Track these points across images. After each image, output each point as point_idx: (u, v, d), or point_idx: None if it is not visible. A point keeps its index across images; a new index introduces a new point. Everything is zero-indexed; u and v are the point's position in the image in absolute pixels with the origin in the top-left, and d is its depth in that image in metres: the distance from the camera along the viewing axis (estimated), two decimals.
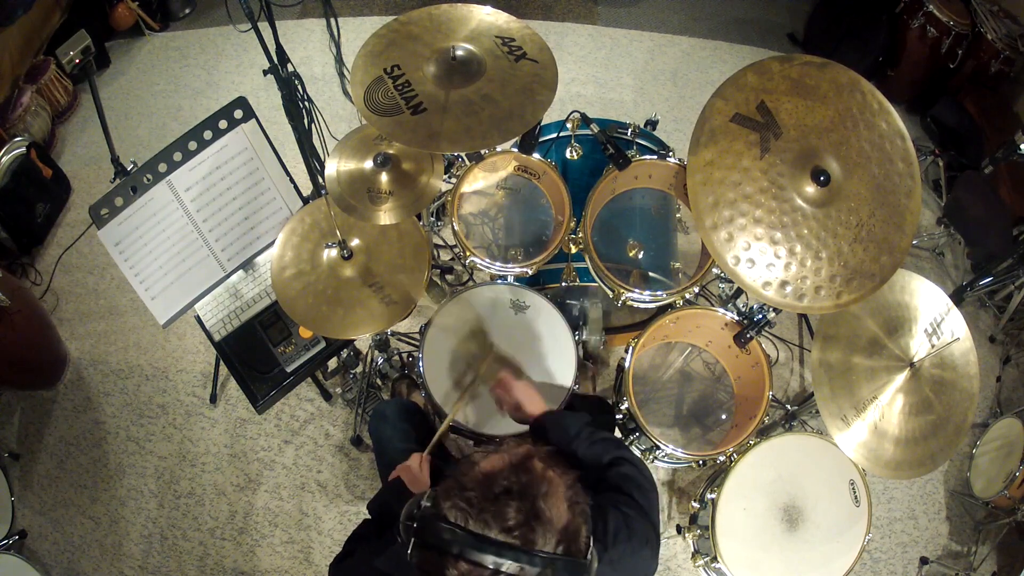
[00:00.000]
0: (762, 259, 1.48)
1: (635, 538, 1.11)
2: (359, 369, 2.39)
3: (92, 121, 3.19)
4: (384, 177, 1.75)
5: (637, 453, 1.93)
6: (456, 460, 1.33)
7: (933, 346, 1.69)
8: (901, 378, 1.65)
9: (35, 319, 2.43)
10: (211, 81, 3.37)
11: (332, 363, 2.29)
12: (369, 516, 1.40)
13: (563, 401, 1.69)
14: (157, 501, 2.37)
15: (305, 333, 1.99)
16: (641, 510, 1.16)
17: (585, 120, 1.94)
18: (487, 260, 1.89)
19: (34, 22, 3.03)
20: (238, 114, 1.84)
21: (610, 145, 1.82)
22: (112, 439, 2.47)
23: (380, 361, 2.31)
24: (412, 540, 0.87)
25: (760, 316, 1.81)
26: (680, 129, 3.21)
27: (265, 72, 1.90)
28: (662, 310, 1.93)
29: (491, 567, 0.82)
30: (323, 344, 2.00)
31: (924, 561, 2.30)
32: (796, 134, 1.50)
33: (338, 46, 2.28)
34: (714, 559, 1.72)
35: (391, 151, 1.77)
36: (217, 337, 2.01)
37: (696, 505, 1.90)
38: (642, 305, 1.87)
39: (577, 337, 1.84)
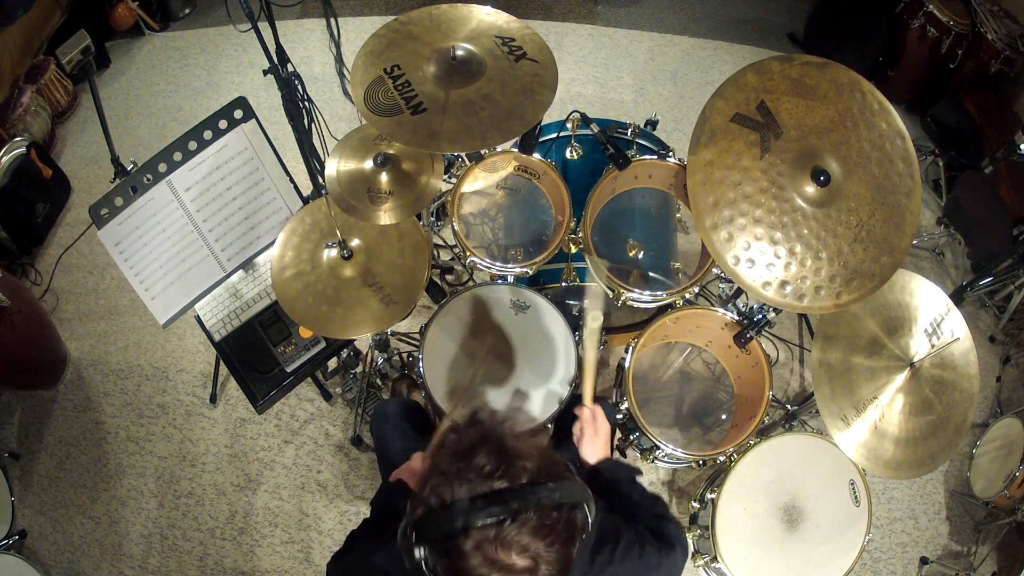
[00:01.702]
0: (762, 259, 1.48)
1: (644, 558, 1.11)
2: (359, 369, 2.39)
3: (92, 121, 3.19)
4: (384, 177, 1.75)
5: (637, 453, 1.95)
6: None
7: (933, 346, 1.69)
8: (901, 378, 1.65)
9: (35, 319, 2.43)
10: (211, 81, 3.37)
11: (332, 363, 2.29)
12: (370, 515, 1.40)
13: (563, 401, 1.69)
14: (157, 501, 2.37)
15: (305, 333, 1.99)
16: (660, 553, 1.16)
17: (585, 120, 1.94)
18: (487, 260, 1.89)
19: (34, 22, 3.03)
20: (238, 114, 1.83)
21: (610, 145, 1.82)
22: (112, 439, 2.47)
23: (380, 361, 2.31)
24: (418, 552, 0.86)
25: (760, 316, 1.81)
26: (680, 129, 3.21)
27: (265, 72, 1.90)
28: (662, 310, 1.93)
29: (494, 520, 0.81)
30: (323, 344, 2.00)
31: (924, 561, 2.30)
32: (796, 134, 1.50)
33: (338, 46, 2.29)
34: (714, 559, 1.72)
35: (391, 151, 1.77)
36: (217, 337, 2.01)
37: (696, 505, 1.90)
38: (642, 305, 1.87)
39: (577, 337, 1.84)
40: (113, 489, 2.39)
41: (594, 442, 1.36)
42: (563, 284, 1.98)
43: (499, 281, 1.88)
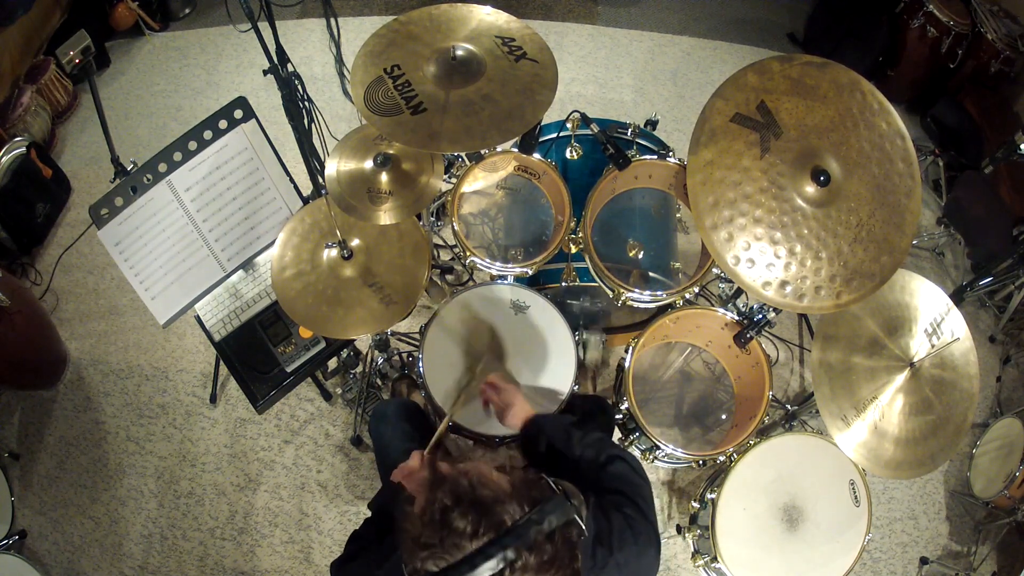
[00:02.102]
0: (762, 259, 1.48)
1: (640, 540, 1.11)
2: (359, 369, 2.39)
3: (92, 121, 3.19)
4: (384, 177, 1.75)
5: (637, 453, 1.94)
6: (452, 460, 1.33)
7: (933, 346, 1.69)
8: (901, 378, 1.65)
9: (35, 319, 2.43)
10: (211, 81, 3.37)
11: (332, 363, 2.29)
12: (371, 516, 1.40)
13: (563, 401, 1.69)
14: (157, 501, 2.37)
15: (305, 333, 1.99)
16: (640, 510, 1.16)
17: (585, 120, 1.94)
18: (487, 260, 1.89)
19: (34, 22, 3.03)
20: (238, 114, 1.83)
21: (610, 145, 1.82)
22: (112, 439, 2.47)
23: (380, 361, 2.31)
24: None
25: (760, 316, 1.81)
26: (680, 129, 3.21)
27: (265, 72, 1.90)
28: (662, 310, 1.93)
29: (496, 570, 0.81)
30: (323, 344, 2.00)
31: (924, 561, 2.30)
32: (796, 134, 1.50)
33: (338, 46, 2.28)
34: (714, 559, 1.72)
35: (391, 151, 1.77)
36: (217, 337, 2.00)
37: (696, 505, 1.90)
38: (642, 305, 1.87)
39: (577, 337, 1.84)
40: (113, 489, 2.39)
41: (509, 408, 1.38)
42: (563, 284, 1.98)
43: (499, 281, 1.88)
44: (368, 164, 1.76)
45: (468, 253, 1.89)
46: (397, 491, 1.34)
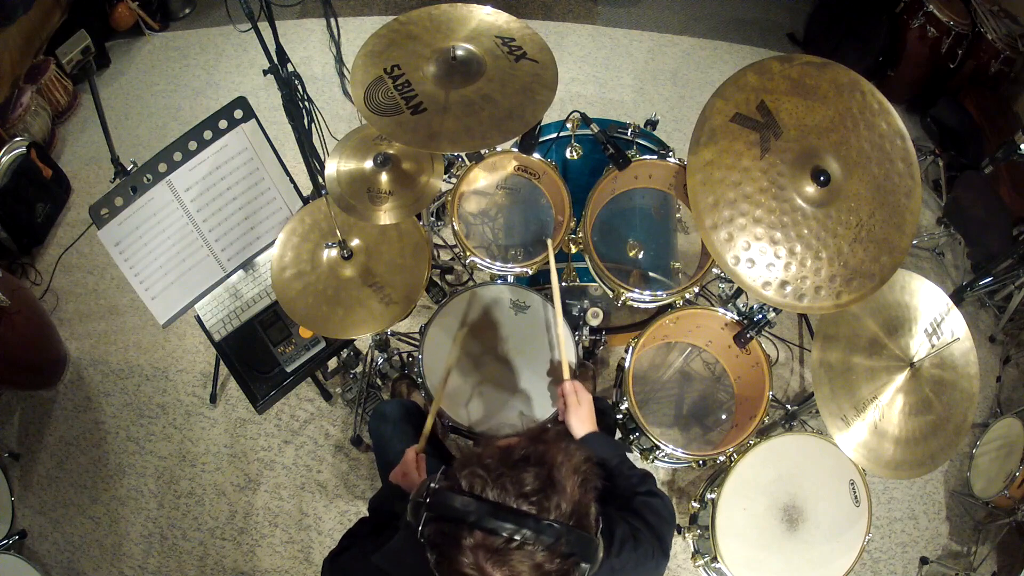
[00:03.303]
0: (762, 259, 1.48)
1: (640, 549, 1.11)
2: (359, 369, 2.39)
3: (92, 121, 3.19)
4: (384, 177, 1.75)
5: (637, 453, 1.95)
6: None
7: (933, 346, 1.69)
8: (901, 378, 1.65)
9: (35, 319, 2.43)
10: (211, 81, 3.37)
11: (332, 363, 2.29)
12: (367, 515, 1.40)
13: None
14: (157, 501, 2.37)
15: (305, 333, 1.99)
16: (652, 529, 1.18)
17: (585, 120, 1.94)
18: (487, 260, 1.89)
19: (34, 22, 3.03)
20: (238, 114, 1.83)
21: (610, 145, 1.82)
22: (112, 439, 2.47)
23: (380, 361, 2.31)
24: (424, 515, 0.87)
25: (760, 316, 1.81)
26: (680, 129, 3.21)
27: (265, 72, 1.90)
28: (662, 310, 1.93)
29: (505, 535, 0.81)
30: (323, 344, 2.00)
31: (924, 561, 2.30)
32: (796, 134, 1.50)
33: (338, 46, 2.28)
34: (714, 559, 1.72)
35: (391, 151, 1.77)
36: (217, 337, 2.01)
37: (696, 505, 1.90)
38: (642, 305, 1.87)
39: (577, 337, 1.84)
40: (113, 489, 2.39)
41: (578, 412, 1.40)
42: (563, 284, 1.98)
43: (499, 281, 1.88)
44: (368, 164, 1.76)
45: (468, 253, 1.89)
46: (395, 491, 1.35)
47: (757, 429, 1.80)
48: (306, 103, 2.07)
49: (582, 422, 1.40)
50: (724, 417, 2.16)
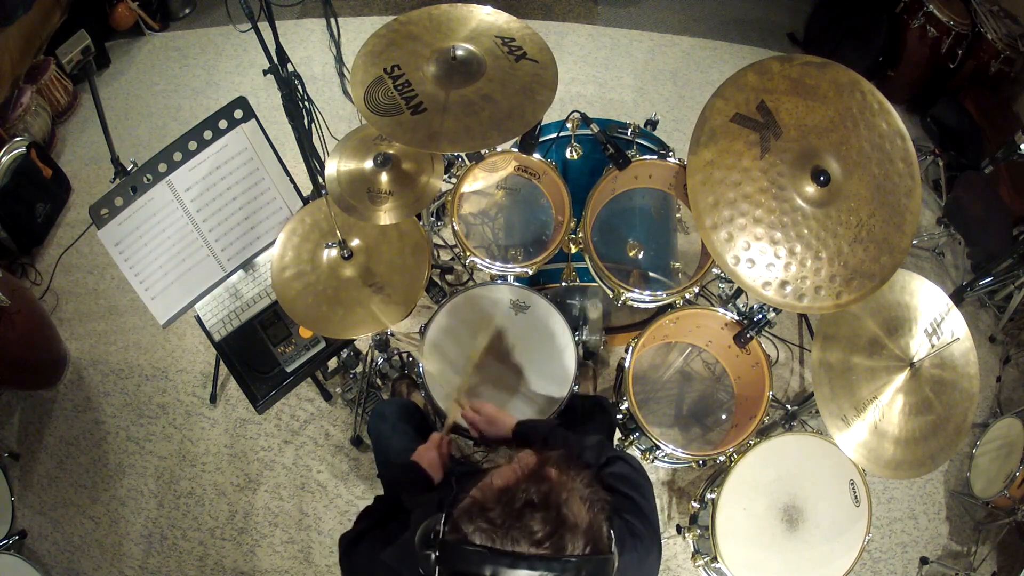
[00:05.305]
0: (762, 259, 1.48)
1: (641, 546, 1.11)
2: (359, 369, 2.39)
3: (92, 121, 3.19)
4: (384, 177, 1.75)
5: (637, 453, 1.95)
6: (462, 475, 1.34)
7: (933, 346, 1.69)
8: (901, 378, 1.65)
9: (35, 319, 2.43)
10: (211, 81, 3.37)
11: (332, 363, 2.29)
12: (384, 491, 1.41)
13: (563, 401, 1.70)
14: (157, 501, 2.37)
15: (305, 333, 1.99)
16: (641, 512, 1.16)
17: (585, 120, 1.94)
18: (487, 260, 1.89)
19: (34, 22, 3.03)
20: (238, 114, 1.83)
21: (610, 145, 1.82)
22: (112, 439, 2.47)
23: (380, 361, 2.31)
24: (437, 568, 0.86)
25: (760, 316, 1.81)
26: (680, 129, 3.21)
27: (265, 72, 1.90)
28: (662, 310, 1.93)
29: None
30: (323, 344, 2.00)
31: (924, 561, 2.30)
32: (796, 134, 1.50)
33: (338, 46, 2.29)
34: (714, 559, 1.72)
35: (391, 151, 1.77)
36: (217, 337, 2.00)
37: (696, 505, 1.90)
38: (642, 305, 1.87)
39: (577, 337, 1.84)
40: (113, 489, 2.39)
41: (490, 427, 1.41)
42: (563, 284, 1.98)
43: (499, 281, 1.88)
44: (368, 164, 1.76)
45: (468, 253, 1.89)
46: (411, 472, 1.35)
47: (757, 429, 1.80)
48: (306, 103, 2.07)
49: (499, 427, 1.40)
50: (724, 417, 2.16)
